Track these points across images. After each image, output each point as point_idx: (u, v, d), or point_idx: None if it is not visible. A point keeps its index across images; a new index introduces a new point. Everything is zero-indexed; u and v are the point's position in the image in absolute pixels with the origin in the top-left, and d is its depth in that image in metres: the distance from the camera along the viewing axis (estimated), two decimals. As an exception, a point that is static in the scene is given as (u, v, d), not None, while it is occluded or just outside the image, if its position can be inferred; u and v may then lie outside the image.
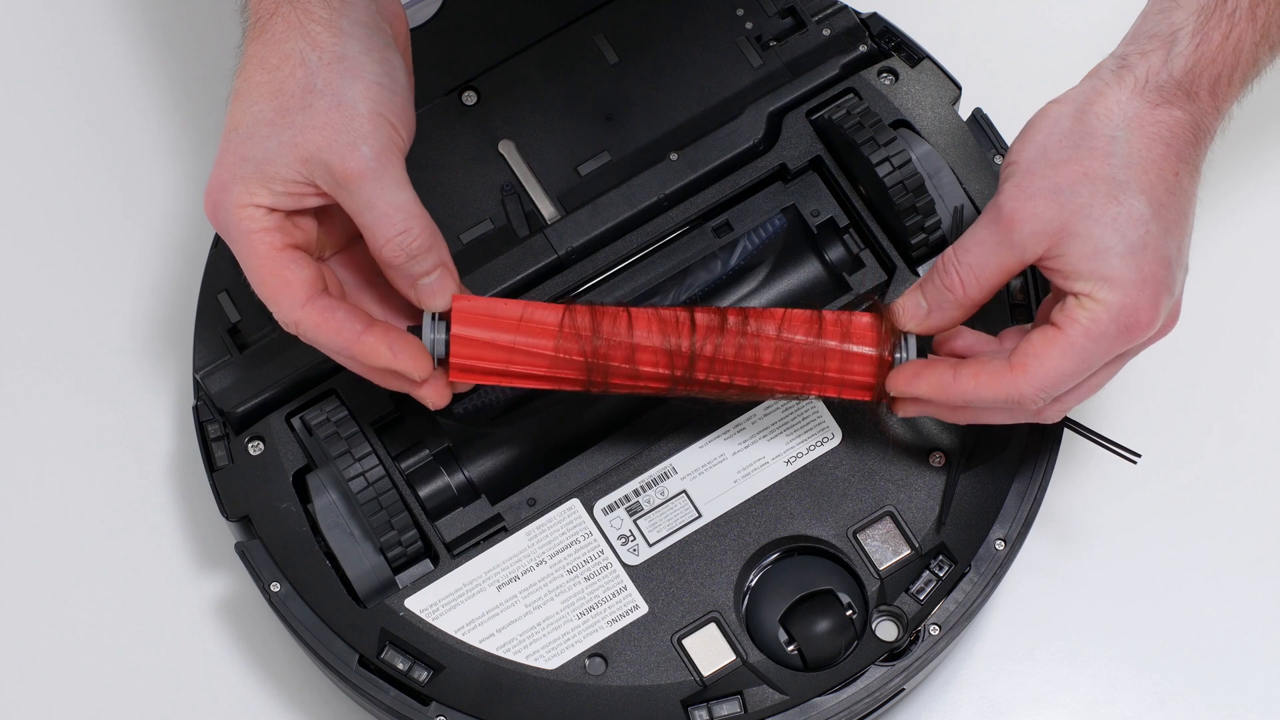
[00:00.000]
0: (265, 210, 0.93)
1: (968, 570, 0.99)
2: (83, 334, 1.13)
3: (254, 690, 1.07)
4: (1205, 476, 1.09)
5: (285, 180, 0.92)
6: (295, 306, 0.93)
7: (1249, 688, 1.06)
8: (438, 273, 0.94)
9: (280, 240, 0.93)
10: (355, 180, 0.91)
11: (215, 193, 0.93)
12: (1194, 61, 0.92)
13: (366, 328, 0.94)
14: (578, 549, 1.00)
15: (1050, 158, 0.93)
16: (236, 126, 0.93)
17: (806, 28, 1.08)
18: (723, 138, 1.06)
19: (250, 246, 0.93)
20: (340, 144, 0.91)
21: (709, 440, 1.01)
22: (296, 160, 0.92)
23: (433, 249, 0.93)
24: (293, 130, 0.92)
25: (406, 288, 0.94)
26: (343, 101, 0.92)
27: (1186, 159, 0.92)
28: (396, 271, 0.94)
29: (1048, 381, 0.92)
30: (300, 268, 0.93)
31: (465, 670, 0.98)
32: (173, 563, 1.09)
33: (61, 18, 1.19)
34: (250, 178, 0.92)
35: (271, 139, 0.92)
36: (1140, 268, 0.91)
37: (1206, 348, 1.12)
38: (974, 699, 1.06)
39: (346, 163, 0.91)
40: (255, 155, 0.92)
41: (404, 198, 0.92)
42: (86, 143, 1.17)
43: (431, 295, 0.94)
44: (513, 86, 1.07)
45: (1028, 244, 0.92)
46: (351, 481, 0.99)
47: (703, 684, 0.98)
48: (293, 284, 0.93)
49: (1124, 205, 0.91)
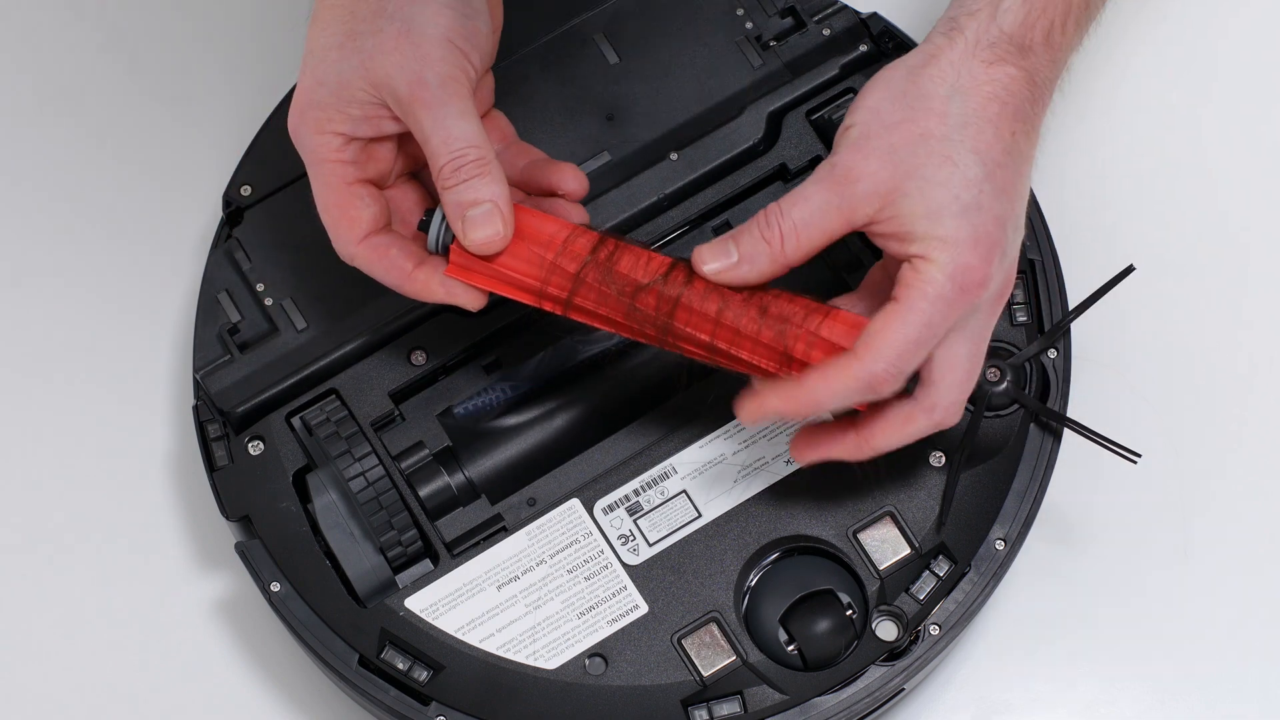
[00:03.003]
0: (344, 139, 0.93)
1: (968, 570, 0.99)
2: (82, 334, 1.13)
3: (254, 690, 1.07)
4: (1205, 476, 1.09)
5: (361, 103, 0.93)
6: (351, 242, 0.95)
7: (1249, 687, 1.06)
8: (486, 207, 0.93)
9: (352, 174, 0.94)
10: (419, 106, 0.92)
11: (295, 115, 0.94)
12: (1024, 15, 0.92)
13: (418, 265, 0.95)
14: (578, 549, 1.00)
15: (885, 119, 0.92)
16: (312, 50, 0.93)
17: (806, 28, 1.08)
18: (723, 138, 1.06)
19: (321, 174, 0.94)
20: (406, 69, 0.91)
21: (709, 440, 1.01)
22: (368, 84, 0.92)
23: (485, 179, 0.92)
24: (362, 55, 0.92)
25: (455, 218, 0.93)
26: (413, 27, 0.92)
27: (1023, 117, 0.91)
28: (447, 197, 0.93)
29: (895, 354, 0.90)
30: (364, 205, 0.94)
31: (465, 670, 0.98)
32: (173, 563, 1.09)
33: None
34: (326, 102, 0.93)
35: (343, 62, 0.92)
36: (975, 227, 0.90)
37: (1207, 348, 1.12)
38: (974, 699, 1.06)
39: (412, 88, 0.91)
40: (329, 79, 0.93)
41: (464, 127, 0.92)
42: (86, 141, 1.17)
43: (475, 227, 0.93)
44: (513, 86, 1.07)
45: (859, 203, 0.90)
46: (351, 481, 0.99)
47: (703, 684, 0.98)
48: (355, 219, 0.94)
49: (958, 166, 0.90)
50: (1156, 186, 1.15)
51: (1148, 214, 1.14)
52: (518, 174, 0.98)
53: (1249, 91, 1.17)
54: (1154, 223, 1.14)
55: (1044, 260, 1.04)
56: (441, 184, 0.93)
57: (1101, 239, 1.13)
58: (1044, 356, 1.02)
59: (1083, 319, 1.04)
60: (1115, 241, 1.13)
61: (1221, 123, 1.16)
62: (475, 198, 0.93)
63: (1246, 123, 1.16)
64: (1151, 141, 1.16)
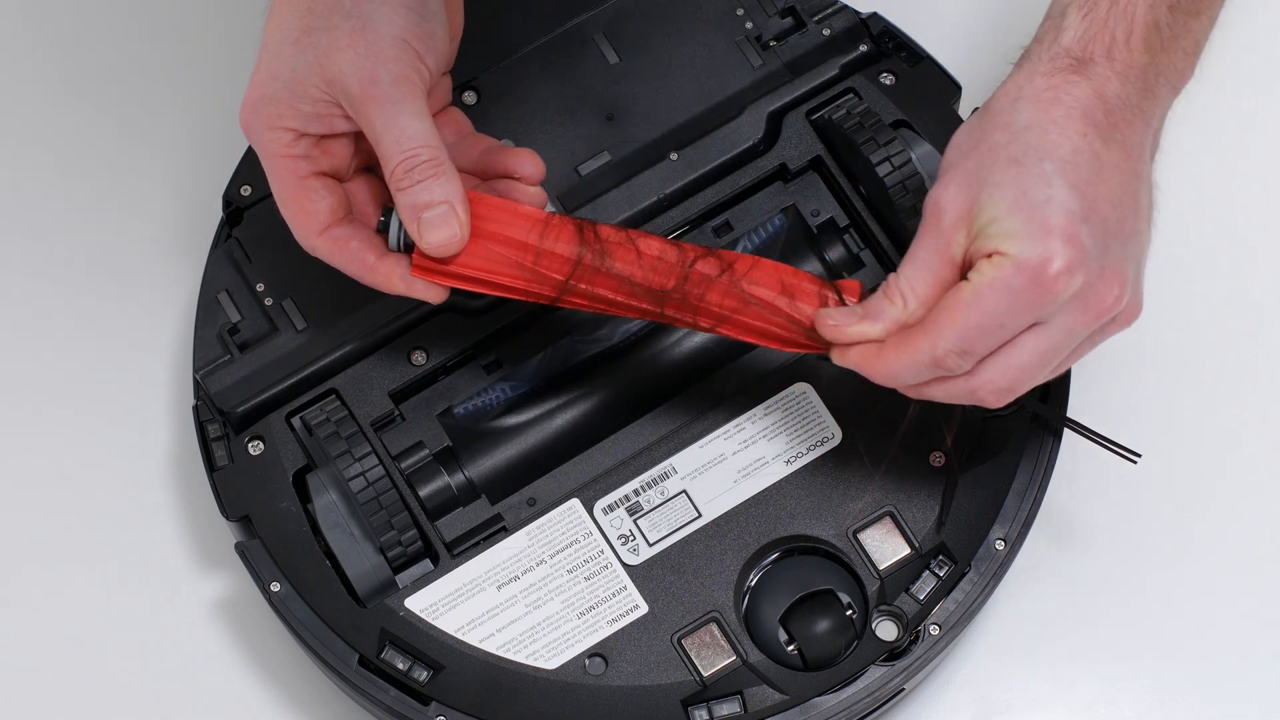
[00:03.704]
0: (295, 134, 0.93)
1: (968, 570, 0.99)
2: (82, 333, 1.13)
3: (254, 690, 1.07)
4: (1205, 476, 1.09)
5: (313, 100, 0.93)
6: (311, 234, 0.95)
7: (1249, 687, 1.06)
8: (441, 209, 0.93)
9: (306, 168, 0.94)
10: (371, 104, 0.92)
11: (247, 110, 0.94)
12: (1082, 31, 0.92)
13: (380, 257, 0.95)
14: (578, 549, 1.00)
15: (962, 149, 0.92)
16: (267, 44, 0.93)
17: (806, 28, 1.08)
18: (723, 138, 1.06)
19: (274, 169, 0.94)
20: (359, 67, 0.91)
21: (709, 440, 1.01)
22: (321, 81, 0.92)
23: (439, 180, 0.92)
24: (316, 51, 0.92)
25: (410, 220, 0.93)
26: (368, 25, 0.92)
27: (1095, 124, 0.91)
28: (401, 199, 0.93)
29: (958, 336, 0.90)
30: (321, 197, 0.94)
31: (465, 670, 0.98)
32: (173, 563, 1.09)
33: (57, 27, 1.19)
34: (279, 97, 0.93)
35: (297, 58, 0.92)
36: (1044, 220, 0.89)
37: (1207, 347, 1.12)
38: (974, 699, 1.06)
39: (364, 86, 0.91)
40: (283, 74, 0.93)
41: (417, 127, 0.92)
42: (86, 141, 1.17)
43: (430, 229, 0.93)
44: (513, 86, 1.07)
45: (951, 235, 0.91)
46: (351, 481, 0.99)
47: (703, 684, 0.98)
48: (312, 213, 0.94)
49: (1024, 165, 0.90)
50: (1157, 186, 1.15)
51: (1148, 214, 1.14)
52: (473, 161, 0.98)
53: (1249, 89, 1.17)
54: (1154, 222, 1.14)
55: (1044, 260, 1.04)
56: (395, 185, 0.93)
57: (1101, 239, 1.13)
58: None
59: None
60: (1115, 241, 1.13)
61: (1222, 121, 1.16)
62: (429, 199, 0.93)
63: (1246, 122, 1.16)
64: (1151, 141, 1.16)
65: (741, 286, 0.95)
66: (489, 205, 0.95)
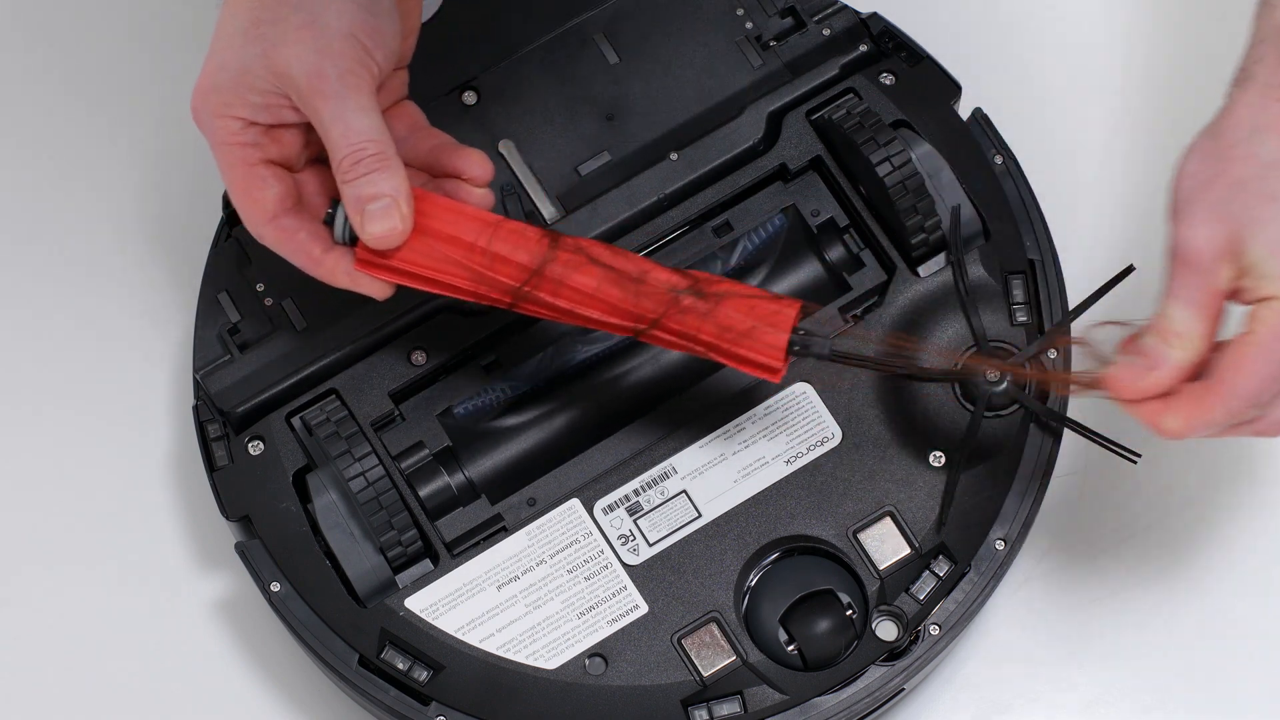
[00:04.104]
0: (244, 123, 0.94)
1: (968, 570, 0.99)
2: (82, 333, 1.13)
3: (254, 690, 1.07)
4: (1205, 476, 1.09)
5: (261, 91, 0.93)
6: (260, 223, 0.95)
7: (1249, 688, 1.06)
8: (384, 201, 0.93)
9: (255, 155, 0.94)
10: (318, 98, 0.92)
11: (197, 98, 0.94)
12: None
13: (326, 250, 0.95)
14: (578, 549, 1.00)
15: (1199, 179, 0.91)
16: (219, 34, 0.94)
17: (806, 28, 1.08)
18: (723, 138, 1.06)
19: (224, 157, 0.94)
20: (306, 60, 0.92)
21: (709, 440, 1.01)
22: (269, 73, 0.93)
23: (384, 174, 0.93)
24: (265, 43, 0.92)
25: (354, 212, 0.94)
26: (317, 19, 0.92)
27: None
28: (346, 191, 0.93)
29: (1249, 392, 0.89)
30: (270, 185, 0.95)
31: (465, 670, 0.98)
32: (173, 563, 1.09)
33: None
34: (227, 87, 0.93)
35: (246, 49, 0.93)
36: None
37: (1206, 348, 1.12)
38: (974, 699, 1.06)
39: (311, 80, 0.92)
40: (232, 64, 0.93)
41: (364, 122, 0.92)
42: (85, 141, 1.17)
43: (374, 221, 0.93)
44: (513, 86, 1.07)
45: (1213, 272, 0.90)
46: (351, 481, 0.99)
47: (703, 684, 0.98)
48: (260, 200, 0.95)
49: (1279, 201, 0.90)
50: (1157, 186, 1.15)
51: (1147, 214, 1.14)
52: (422, 157, 0.99)
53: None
54: (1154, 222, 1.14)
55: (1044, 260, 1.04)
56: (340, 177, 0.93)
57: (1101, 239, 1.13)
58: (1044, 356, 1.02)
59: (1082, 319, 1.04)
60: (1115, 241, 1.13)
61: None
62: (374, 192, 0.93)
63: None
64: (1152, 141, 1.16)
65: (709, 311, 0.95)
66: (436, 204, 0.95)
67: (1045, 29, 1.18)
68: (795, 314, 0.95)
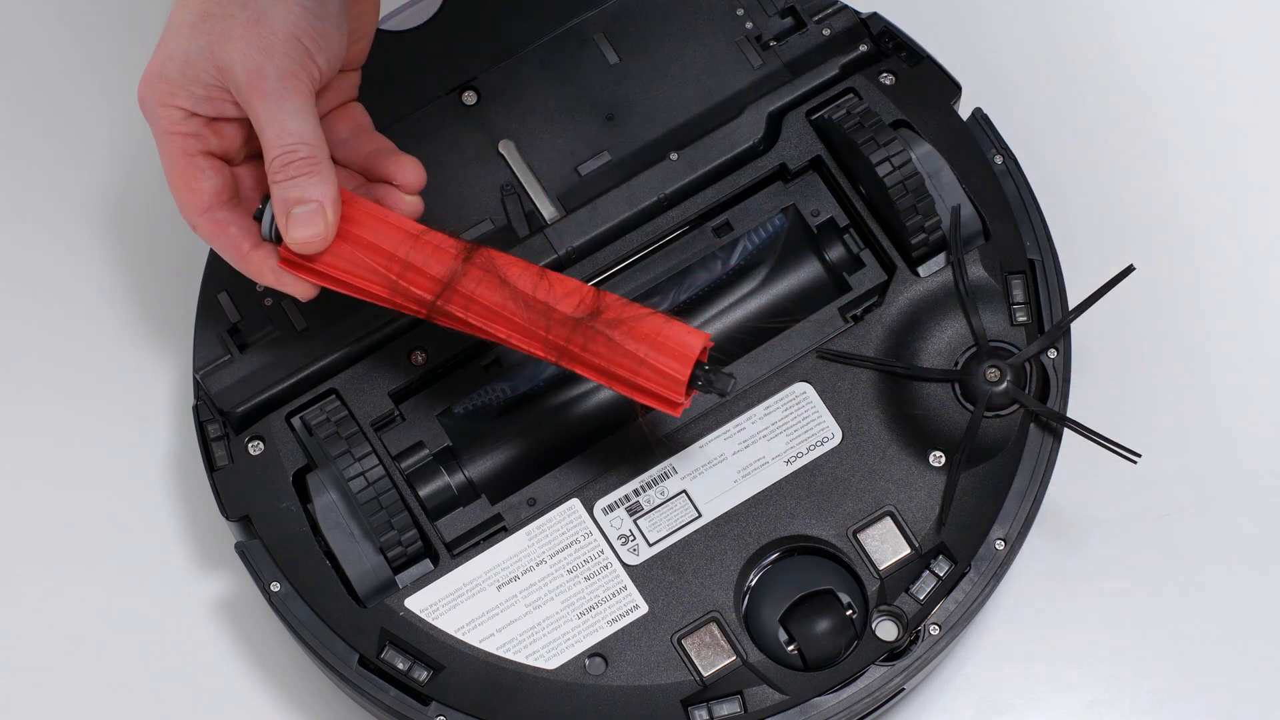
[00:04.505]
0: (185, 113, 0.95)
1: (968, 570, 0.99)
2: (82, 334, 1.13)
3: (254, 690, 1.07)
4: (1205, 476, 1.09)
5: (204, 84, 0.94)
6: (194, 213, 0.96)
7: (1249, 688, 1.06)
8: (311, 206, 0.94)
9: (195, 145, 0.95)
10: (256, 96, 0.93)
11: (143, 85, 0.95)
12: None
13: (254, 247, 0.96)
14: (578, 549, 1.00)
15: None
16: (170, 24, 0.95)
17: (806, 28, 1.08)
18: (723, 138, 1.06)
19: (165, 146, 0.96)
20: (248, 58, 0.93)
21: (709, 440, 1.01)
22: (213, 66, 0.94)
23: (313, 178, 0.94)
24: (210, 36, 0.93)
25: (280, 214, 0.94)
26: (262, 18, 0.93)
27: None
28: (275, 192, 0.94)
29: None
30: (207, 176, 0.96)
31: (465, 670, 0.98)
32: (173, 563, 1.09)
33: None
34: (172, 76, 0.94)
35: (192, 41, 0.94)
36: None
37: (1207, 347, 1.12)
38: (974, 699, 1.06)
39: (251, 78, 0.93)
40: (178, 55, 0.94)
41: (299, 124, 0.93)
42: (86, 140, 1.17)
43: (298, 225, 0.94)
44: (513, 86, 1.07)
45: None
46: (351, 481, 0.99)
47: (703, 684, 0.98)
48: (196, 191, 0.96)
49: None
50: (1157, 186, 1.15)
51: (1147, 214, 1.14)
52: (360, 160, 0.99)
53: (1252, 93, 1.17)
54: (1155, 222, 1.14)
55: (1044, 260, 1.04)
56: (271, 177, 0.94)
57: (1101, 239, 1.13)
58: (1044, 356, 1.02)
59: (1083, 319, 1.04)
60: (1115, 241, 1.13)
61: (1223, 123, 1.16)
62: (301, 196, 0.94)
63: (1248, 125, 1.16)
64: (1152, 141, 1.16)
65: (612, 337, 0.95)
66: (362, 210, 0.96)
67: (1045, 29, 1.18)
68: (702, 346, 0.95)
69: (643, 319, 0.95)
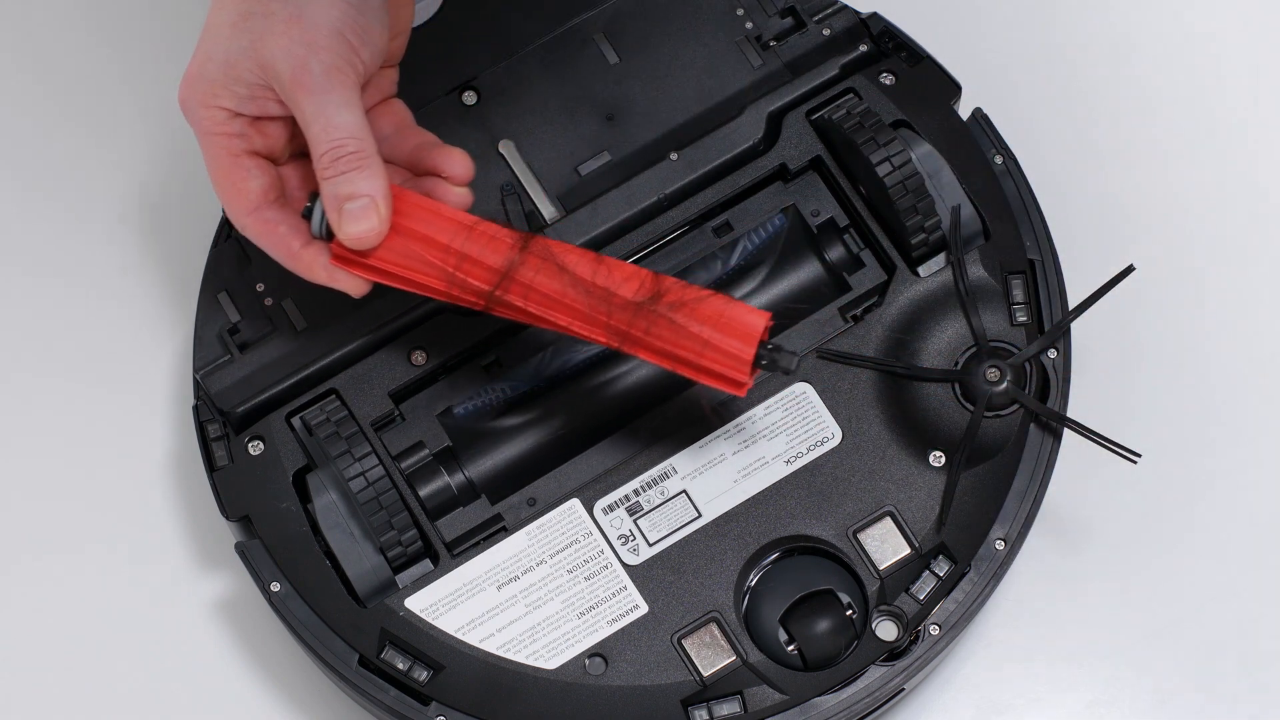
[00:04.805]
0: (229, 114, 0.94)
1: (968, 570, 0.99)
2: (82, 334, 1.13)
3: (254, 690, 1.07)
4: (1205, 476, 1.09)
5: (247, 84, 0.94)
6: (242, 213, 0.96)
7: (1249, 688, 1.06)
8: (363, 201, 0.93)
9: (239, 145, 0.95)
10: (301, 92, 0.92)
11: (184, 87, 0.95)
12: None
13: (305, 244, 0.96)
14: (578, 549, 1.00)
15: None
16: (209, 25, 0.94)
17: (806, 28, 1.08)
18: (723, 138, 1.06)
19: (209, 147, 0.95)
20: (292, 54, 0.92)
21: (709, 440, 1.01)
22: (255, 65, 0.93)
23: (363, 173, 0.93)
24: (252, 35, 0.93)
25: (332, 210, 0.94)
26: (304, 13, 0.93)
27: None
28: (325, 188, 0.94)
29: None
30: (253, 176, 0.95)
31: (465, 670, 0.98)
32: (173, 563, 1.09)
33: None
34: (214, 78, 0.94)
35: (233, 41, 0.93)
36: None
37: (1207, 347, 1.12)
38: (974, 699, 1.06)
39: (295, 73, 0.92)
40: (219, 56, 0.94)
41: (345, 118, 0.93)
42: (85, 140, 1.16)
43: (352, 221, 0.94)
44: (513, 86, 1.07)
45: None
46: (351, 481, 0.99)
47: (703, 684, 0.98)
48: (243, 191, 0.95)
49: None
50: (1157, 186, 1.15)
51: (1147, 214, 1.14)
52: (405, 155, 0.99)
53: (1252, 94, 1.17)
54: (1155, 222, 1.14)
55: (1044, 260, 1.04)
56: (320, 173, 0.93)
57: (1101, 239, 1.13)
58: (1044, 356, 1.02)
59: (1083, 319, 1.04)
60: (1115, 241, 1.13)
61: (1223, 123, 1.16)
62: (352, 191, 0.93)
63: (1248, 125, 1.16)
64: (1152, 141, 1.16)
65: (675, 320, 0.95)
66: (412, 204, 0.96)
67: (1045, 29, 1.18)
68: (765, 326, 0.95)
69: (704, 300, 0.95)
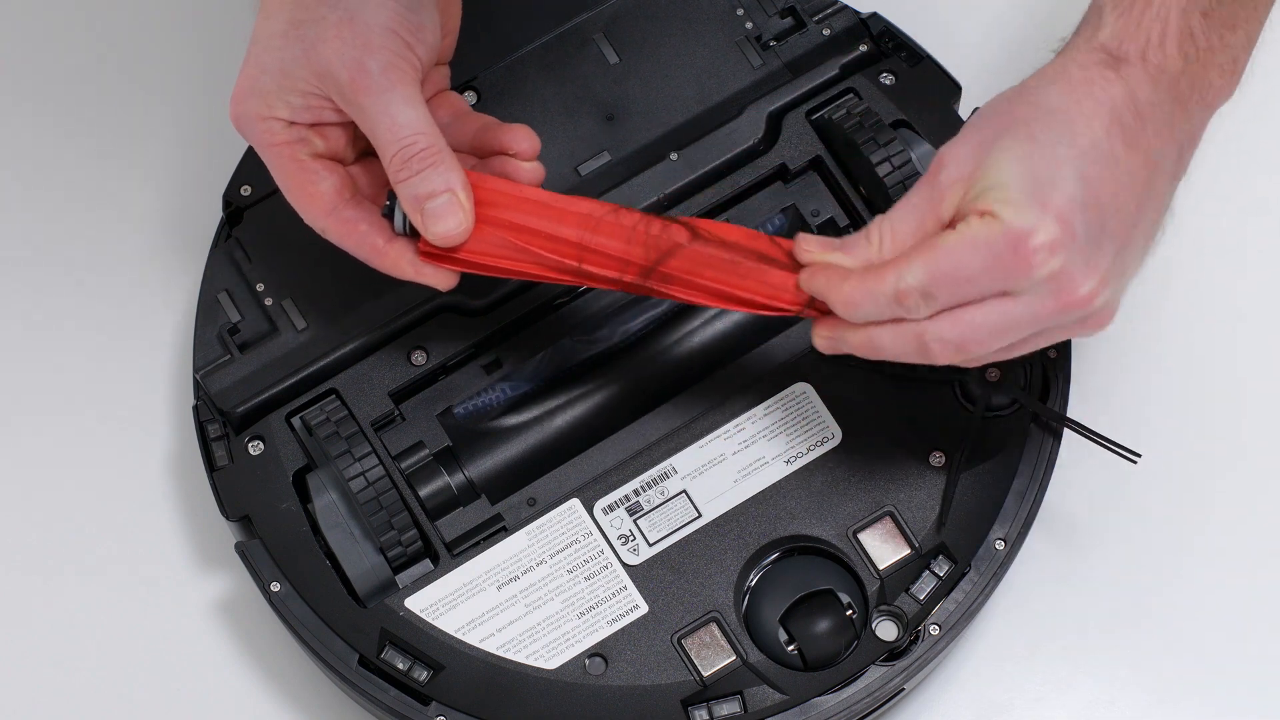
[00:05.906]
0: (284, 123, 0.93)
1: (968, 570, 0.99)
2: (82, 333, 1.13)
3: (254, 690, 1.07)
4: (1205, 476, 1.09)
5: (302, 92, 0.93)
6: (319, 215, 0.95)
7: (1249, 688, 1.06)
8: (445, 197, 0.92)
9: (303, 151, 0.94)
10: (361, 93, 0.91)
11: (236, 103, 0.94)
12: (1118, 29, 0.91)
13: (389, 241, 0.95)
14: (578, 549, 1.00)
15: (985, 115, 0.91)
16: (257, 38, 0.93)
17: (806, 28, 1.08)
18: (723, 138, 1.06)
19: (273, 159, 0.94)
20: (347, 57, 0.91)
21: (709, 440, 1.01)
22: (311, 73, 0.92)
23: (438, 169, 0.92)
24: (304, 43, 0.92)
25: (413, 211, 0.93)
26: (355, 16, 0.92)
27: (1123, 125, 0.90)
28: (401, 191, 0.93)
29: (927, 274, 0.88)
30: (322, 178, 0.94)
31: (465, 670, 0.98)
32: (173, 563, 1.09)
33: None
34: (267, 89, 0.93)
35: (285, 50, 0.92)
36: (1045, 200, 0.88)
37: (1207, 347, 1.12)
38: (974, 699, 1.06)
39: (353, 75, 0.91)
40: (271, 66, 0.93)
41: (410, 115, 0.92)
42: (86, 140, 1.17)
43: (436, 220, 0.93)
44: (513, 86, 1.07)
45: (945, 191, 0.90)
46: (351, 481, 0.99)
47: (703, 684, 0.98)
48: (315, 194, 0.94)
49: (1039, 144, 0.89)
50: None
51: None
52: (468, 140, 0.98)
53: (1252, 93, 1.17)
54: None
55: (1044, 260, 1.04)
56: (393, 176, 0.92)
57: (1101, 239, 1.13)
58: (1044, 356, 1.02)
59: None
60: (1115, 241, 1.13)
61: (1223, 124, 1.16)
62: (431, 189, 0.92)
63: (1248, 125, 1.16)
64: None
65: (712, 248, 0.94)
66: (491, 189, 0.95)
67: (1045, 29, 1.18)
68: None
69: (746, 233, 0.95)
